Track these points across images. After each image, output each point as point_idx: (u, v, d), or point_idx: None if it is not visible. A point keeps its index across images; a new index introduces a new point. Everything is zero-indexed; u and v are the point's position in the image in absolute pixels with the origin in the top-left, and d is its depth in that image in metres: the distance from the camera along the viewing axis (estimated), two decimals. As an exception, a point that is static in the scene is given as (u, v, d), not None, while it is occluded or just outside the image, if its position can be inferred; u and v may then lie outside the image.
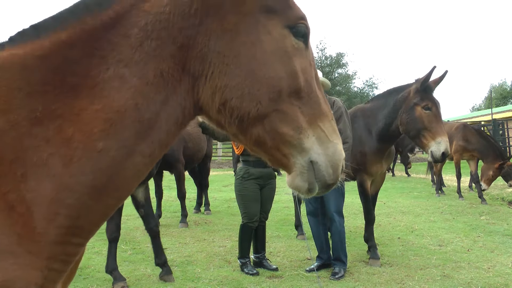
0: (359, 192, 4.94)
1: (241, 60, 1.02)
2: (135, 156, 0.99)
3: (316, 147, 1.07)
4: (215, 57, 1.02)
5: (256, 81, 1.02)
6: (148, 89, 0.98)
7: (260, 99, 1.02)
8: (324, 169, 1.08)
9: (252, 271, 4.42)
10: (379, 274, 4.36)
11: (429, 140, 4.31)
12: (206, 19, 1.02)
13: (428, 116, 4.31)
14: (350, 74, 32.69)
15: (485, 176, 8.85)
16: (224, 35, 1.02)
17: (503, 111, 25.91)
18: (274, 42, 1.05)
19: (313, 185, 1.09)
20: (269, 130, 1.05)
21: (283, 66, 1.05)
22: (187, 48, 1.02)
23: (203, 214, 8.05)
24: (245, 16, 1.03)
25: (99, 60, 0.98)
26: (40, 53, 0.96)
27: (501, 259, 4.87)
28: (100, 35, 0.99)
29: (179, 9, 1.01)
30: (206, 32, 1.02)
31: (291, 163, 1.08)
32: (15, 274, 0.83)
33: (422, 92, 4.38)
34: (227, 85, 1.02)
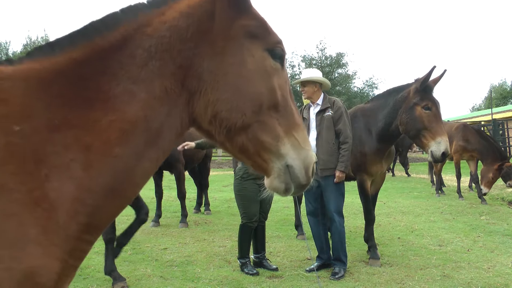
0: (359, 192, 4.94)
1: (229, 78, 1.19)
2: (144, 161, 1.14)
3: (291, 153, 1.24)
4: (208, 75, 1.19)
5: (241, 96, 1.19)
6: (155, 102, 1.13)
7: (245, 111, 1.19)
8: (299, 171, 1.25)
9: (252, 271, 4.42)
10: (379, 274, 4.36)
11: (429, 140, 4.30)
12: (200, 43, 1.19)
13: (428, 116, 4.31)
14: (350, 74, 32.68)
15: (485, 179, 8.81)
16: (215, 57, 1.19)
17: (503, 111, 25.92)
18: (256, 63, 1.23)
19: (289, 185, 1.26)
20: (252, 138, 1.21)
21: (264, 84, 1.22)
22: (185, 67, 1.18)
23: (203, 214, 8.05)
24: (232, 40, 1.21)
25: (109, 77, 1.12)
26: (56, 68, 1.09)
27: (501, 259, 4.87)
28: (108, 54, 1.13)
29: (177, 34, 1.18)
30: (201, 54, 1.19)
31: (270, 167, 1.24)
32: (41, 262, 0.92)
33: (422, 92, 4.37)
34: (218, 100, 1.18)
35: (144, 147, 1.13)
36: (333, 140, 4.46)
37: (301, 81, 4.64)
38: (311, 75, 4.63)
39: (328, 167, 4.42)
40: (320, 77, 4.67)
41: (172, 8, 1.21)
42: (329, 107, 4.55)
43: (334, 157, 4.42)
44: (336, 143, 4.47)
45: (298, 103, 30.24)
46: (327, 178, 4.45)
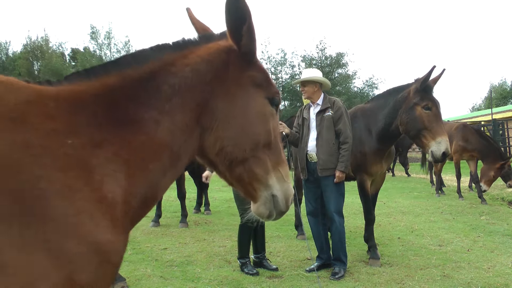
0: (359, 192, 4.94)
1: (237, 119, 1.41)
2: (166, 177, 1.35)
3: (277, 185, 1.48)
4: (220, 115, 1.39)
5: (245, 135, 1.42)
6: (177, 131, 1.34)
7: (245, 148, 1.41)
8: (281, 201, 1.50)
9: (252, 271, 4.42)
10: (379, 274, 4.37)
11: (429, 140, 4.30)
12: (216, 87, 1.40)
13: (428, 116, 4.31)
14: (350, 74, 32.68)
15: (486, 177, 8.83)
16: (227, 100, 1.40)
17: (503, 111, 25.91)
18: (258, 108, 1.46)
19: (272, 212, 1.50)
20: (248, 170, 1.44)
21: (263, 126, 1.46)
22: (202, 106, 1.38)
23: (203, 214, 8.06)
24: (242, 87, 1.43)
25: (138, 104, 1.30)
26: (92, 92, 1.25)
27: (501, 259, 4.87)
28: (138, 84, 1.32)
29: (198, 77, 1.38)
30: (216, 96, 1.39)
31: (258, 195, 1.47)
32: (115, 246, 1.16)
33: (422, 92, 4.37)
34: (226, 136, 1.40)
35: (169, 166, 1.35)
36: (333, 140, 4.46)
37: (301, 81, 4.64)
38: (311, 75, 4.63)
39: (328, 167, 4.42)
40: (320, 77, 4.66)
41: (194, 53, 1.41)
42: (329, 107, 4.55)
43: (334, 157, 4.42)
44: (336, 143, 4.47)
45: (298, 103, 30.29)
46: (327, 178, 4.45)
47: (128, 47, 36.45)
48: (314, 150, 4.52)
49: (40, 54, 40.70)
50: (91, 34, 36.04)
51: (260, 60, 10.13)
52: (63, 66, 39.51)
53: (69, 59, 45.55)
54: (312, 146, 4.55)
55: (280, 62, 33.07)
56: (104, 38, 36.33)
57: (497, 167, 8.70)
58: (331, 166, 4.41)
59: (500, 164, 8.74)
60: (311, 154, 4.54)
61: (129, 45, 36.60)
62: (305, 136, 4.63)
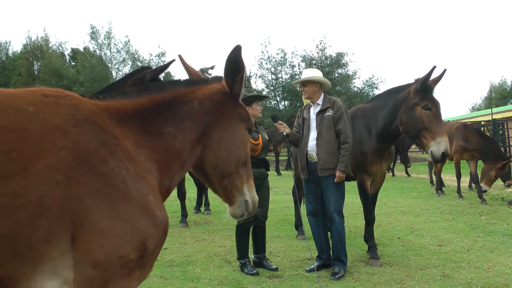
0: (359, 192, 4.94)
1: (227, 143, 1.91)
2: (177, 176, 1.85)
3: (248, 193, 1.98)
4: (215, 139, 1.89)
5: (232, 155, 1.91)
6: (186, 145, 1.82)
7: (232, 165, 1.91)
8: (251, 205, 2.00)
9: (252, 271, 4.42)
10: (379, 274, 4.36)
11: (429, 140, 4.29)
12: (214, 118, 1.89)
13: (428, 116, 4.30)
14: (350, 74, 32.65)
15: (487, 177, 8.80)
16: (221, 128, 1.90)
17: (503, 111, 25.92)
18: (241, 136, 1.97)
19: (244, 213, 2.00)
20: (231, 182, 1.93)
21: (243, 150, 1.97)
22: (203, 130, 1.86)
23: (203, 214, 8.06)
24: (231, 120, 1.94)
25: (162, 120, 1.78)
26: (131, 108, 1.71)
27: (501, 259, 4.87)
28: (161, 107, 1.79)
29: (203, 109, 1.87)
30: (213, 125, 1.88)
31: (235, 200, 1.97)
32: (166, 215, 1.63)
33: (422, 92, 4.36)
34: (220, 155, 1.89)
35: (179, 169, 1.83)
36: (333, 140, 4.46)
37: (302, 81, 4.63)
38: (311, 75, 4.63)
39: (328, 167, 4.42)
40: (321, 77, 4.66)
41: (199, 90, 1.90)
42: (330, 107, 4.55)
43: (334, 157, 4.42)
44: (337, 143, 4.46)
45: (298, 103, 30.26)
46: (327, 178, 4.44)
47: (128, 47, 36.42)
48: (314, 150, 4.52)
49: (40, 54, 40.67)
50: (91, 34, 35.99)
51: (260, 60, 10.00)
52: (63, 66, 39.49)
53: (69, 59, 45.51)
54: (312, 146, 4.55)
55: (280, 62, 33.03)
56: (104, 38, 36.29)
57: (498, 167, 8.69)
58: (331, 166, 4.41)
59: (501, 163, 8.73)
60: (311, 154, 4.54)
61: (129, 45, 36.57)
62: (305, 136, 4.63)
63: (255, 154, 4.53)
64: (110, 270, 1.42)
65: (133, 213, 1.48)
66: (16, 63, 41.57)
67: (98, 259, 1.39)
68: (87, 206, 1.39)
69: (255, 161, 4.53)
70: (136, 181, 1.52)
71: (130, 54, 36.34)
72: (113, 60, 36.26)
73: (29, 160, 1.33)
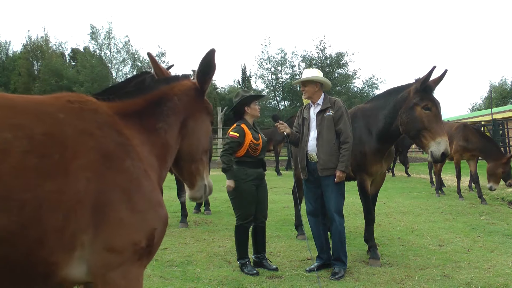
0: (359, 192, 4.94)
1: (198, 133, 2.18)
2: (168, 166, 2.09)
3: (207, 178, 2.27)
4: (190, 129, 2.15)
5: (199, 143, 2.19)
6: (174, 137, 2.07)
7: (199, 151, 2.19)
8: (208, 189, 2.29)
9: (252, 271, 4.42)
10: (379, 274, 4.36)
11: (429, 140, 4.28)
12: (189, 111, 2.15)
13: (428, 116, 4.29)
14: (350, 74, 32.65)
15: (494, 176, 8.65)
16: (194, 120, 2.17)
17: (503, 111, 25.93)
18: (207, 127, 2.25)
19: (202, 196, 2.27)
20: (196, 167, 2.20)
21: (207, 139, 2.25)
22: (183, 122, 2.12)
23: (203, 214, 8.05)
24: (201, 113, 2.22)
25: (155, 117, 2.01)
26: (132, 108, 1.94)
27: (501, 259, 4.87)
28: (153, 104, 2.02)
29: (182, 104, 2.12)
30: (188, 117, 2.14)
31: (196, 184, 2.23)
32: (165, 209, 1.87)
33: (422, 92, 4.35)
34: (192, 144, 2.16)
35: (170, 159, 2.09)
36: (334, 140, 4.46)
37: (302, 81, 4.64)
38: (312, 75, 4.63)
39: (328, 167, 4.42)
40: (321, 77, 4.66)
41: (176, 87, 2.14)
42: (330, 107, 4.55)
43: (334, 157, 4.41)
44: (337, 143, 4.46)
45: (298, 103, 30.25)
46: (327, 178, 4.44)
47: (128, 47, 36.41)
48: (314, 150, 4.52)
49: (40, 54, 40.66)
50: (91, 34, 35.99)
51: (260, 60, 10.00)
52: (63, 66, 39.48)
53: (69, 59, 45.51)
54: (312, 146, 4.55)
55: (280, 62, 33.05)
56: (104, 38, 36.28)
57: (504, 162, 8.60)
58: (332, 166, 4.41)
59: (506, 158, 8.64)
60: (311, 154, 4.54)
61: (129, 45, 36.56)
62: (305, 136, 4.63)
63: (256, 154, 4.53)
64: (125, 255, 1.65)
65: (144, 206, 1.72)
66: (16, 63, 41.55)
67: (116, 245, 1.63)
68: (110, 199, 1.63)
69: (254, 161, 4.54)
70: (145, 178, 1.77)
71: (130, 54, 36.34)
72: (113, 60, 36.26)
73: (67, 161, 1.56)
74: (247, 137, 4.48)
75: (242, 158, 4.50)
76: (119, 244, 1.63)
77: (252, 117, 4.66)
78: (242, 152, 4.48)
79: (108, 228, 1.61)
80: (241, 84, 52.75)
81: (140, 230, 1.70)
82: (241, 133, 4.47)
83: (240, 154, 4.49)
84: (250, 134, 4.50)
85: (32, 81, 38.76)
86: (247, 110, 4.61)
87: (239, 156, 4.51)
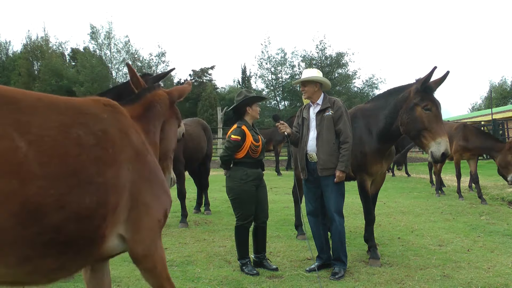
0: (359, 192, 4.94)
1: (169, 135, 2.63)
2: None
3: (172, 172, 2.79)
4: (165, 132, 2.58)
5: (171, 144, 2.66)
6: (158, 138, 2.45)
7: (170, 150, 2.67)
8: (173, 181, 2.83)
9: (252, 271, 4.42)
10: (379, 274, 4.36)
11: (429, 140, 4.28)
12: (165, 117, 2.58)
13: (428, 116, 4.28)
14: (350, 74, 32.66)
15: (507, 166, 8.49)
16: (168, 125, 2.60)
17: (503, 111, 25.94)
18: (175, 130, 2.73)
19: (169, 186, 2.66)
20: (166, 164, 2.67)
21: (175, 140, 2.73)
22: (162, 125, 2.53)
23: (203, 214, 8.05)
24: (172, 118, 2.66)
25: (147, 120, 2.39)
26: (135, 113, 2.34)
27: (501, 259, 4.87)
28: (146, 109, 2.43)
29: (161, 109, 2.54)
30: (165, 122, 2.58)
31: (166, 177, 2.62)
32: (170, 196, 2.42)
33: (422, 92, 4.35)
34: (166, 144, 2.60)
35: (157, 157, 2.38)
36: (333, 140, 4.46)
37: (302, 81, 4.64)
38: (311, 75, 4.63)
39: (328, 167, 4.42)
40: (321, 77, 4.67)
41: (156, 95, 2.56)
42: (329, 107, 4.55)
43: (334, 157, 4.41)
44: (336, 143, 4.46)
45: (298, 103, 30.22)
46: (327, 178, 4.44)
47: (128, 47, 36.40)
48: (314, 150, 4.52)
49: (40, 54, 40.65)
50: (91, 34, 35.98)
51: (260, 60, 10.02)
52: (63, 66, 39.46)
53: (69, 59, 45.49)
54: (312, 146, 4.55)
55: (280, 62, 33.05)
56: (104, 38, 36.27)
57: (508, 149, 8.52)
58: (331, 166, 4.41)
59: (509, 144, 8.53)
60: (311, 154, 4.54)
61: (129, 45, 36.55)
62: (305, 136, 4.63)
63: (256, 156, 4.53)
64: (154, 230, 2.14)
65: (160, 192, 2.19)
66: (16, 63, 41.53)
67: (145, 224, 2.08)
68: (140, 186, 2.05)
69: (253, 162, 4.54)
70: (158, 170, 2.22)
71: (130, 54, 36.32)
72: (113, 60, 36.26)
73: (117, 154, 1.96)
74: (247, 139, 4.48)
75: (242, 159, 4.50)
76: (147, 222, 2.08)
77: (252, 118, 4.66)
78: (242, 154, 4.48)
79: (138, 209, 2.03)
80: (241, 84, 52.75)
81: (160, 210, 2.16)
82: (242, 135, 4.47)
83: (240, 155, 4.49)
84: (250, 136, 4.50)
85: (32, 81, 38.73)
86: (248, 111, 4.61)
87: (239, 158, 4.50)
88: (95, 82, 33.66)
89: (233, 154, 4.49)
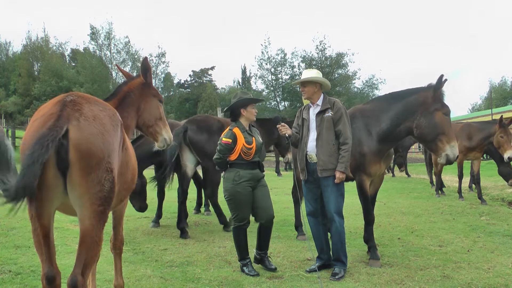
0: (358, 192, 4.94)
1: (148, 110, 3.64)
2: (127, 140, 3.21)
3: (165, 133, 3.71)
4: (142, 109, 3.60)
5: (151, 116, 3.66)
6: (133, 120, 3.56)
7: (152, 120, 3.66)
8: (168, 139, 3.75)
9: (252, 272, 4.42)
10: (379, 274, 4.36)
11: (444, 144, 4.51)
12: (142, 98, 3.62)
13: (447, 121, 4.56)
14: (350, 75, 32.68)
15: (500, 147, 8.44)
16: (145, 103, 3.62)
17: (503, 111, 25.93)
18: (155, 105, 3.69)
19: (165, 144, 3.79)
20: (153, 129, 3.67)
21: (157, 112, 3.69)
22: (138, 107, 3.58)
23: (203, 214, 8.05)
24: (150, 97, 3.67)
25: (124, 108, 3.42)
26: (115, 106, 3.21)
27: (501, 259, 4.87)
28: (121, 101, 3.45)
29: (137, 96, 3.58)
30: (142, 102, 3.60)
31: (158, 139, 3.70)
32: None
33: (441, 98, 4.60)
34: (145, 117, 3.63)
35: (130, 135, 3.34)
36: (333, 141, 4.46)
37: (301, 82, 4.64)
38: (311, 76, 4.63)
39: (328, 167, 4.42)
40: (320, 77, 4.67)
41: (131, 84, 3.58)
42: (329, 107, 4.55)
43: (334, 158, 4.42)
44: (336, 143, 4.46)
45: (298, 104, 30.20)
46: (327, 178, 4.44)
47: (128, 48, 36.41)
48: (313, 151, 4.52)
49: (40, 55, 40.67)
50: (91, 35, 36.00)
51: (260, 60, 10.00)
52: (63, 66, 39.46)
53: (69, 60, 45.52)
54: (311, 147, 4.55)
55: (280, 62, 33.12)
56: (104, 39, 36.28)
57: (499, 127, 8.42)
58: (331, 167, 4.41)
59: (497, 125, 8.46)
60: (311, 154, 4.54)
61: (129, 45, 36.56)
62: (304, 137, 4.63)
63: (249, 158, 4.50)
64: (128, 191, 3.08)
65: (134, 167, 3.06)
66: (16, 63, 41.55)
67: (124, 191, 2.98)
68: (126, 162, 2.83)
69: (247, 163, 4.52)
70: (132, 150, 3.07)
71: (130, 54, 36.36)
72: (113, 60, 36.28)
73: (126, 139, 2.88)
74: (239, 142, 4.46)
75: (235, 161, 4.50)
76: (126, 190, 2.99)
77: (247, 120, 4.65)
78: (234, 156, 4.47)
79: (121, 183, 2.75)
80: (241, 85, 52.77)
81: (133, 181, 3.08)
82: (233, 138, 4.47)
83: (232, 158, 4.48)
84: (243, 139, 4.48)
85: (32, 81, 38.74)
86: (243, 113, 4.60)
87: (232, 160, 4.50)
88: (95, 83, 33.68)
89: (224, 156, 4.49)
